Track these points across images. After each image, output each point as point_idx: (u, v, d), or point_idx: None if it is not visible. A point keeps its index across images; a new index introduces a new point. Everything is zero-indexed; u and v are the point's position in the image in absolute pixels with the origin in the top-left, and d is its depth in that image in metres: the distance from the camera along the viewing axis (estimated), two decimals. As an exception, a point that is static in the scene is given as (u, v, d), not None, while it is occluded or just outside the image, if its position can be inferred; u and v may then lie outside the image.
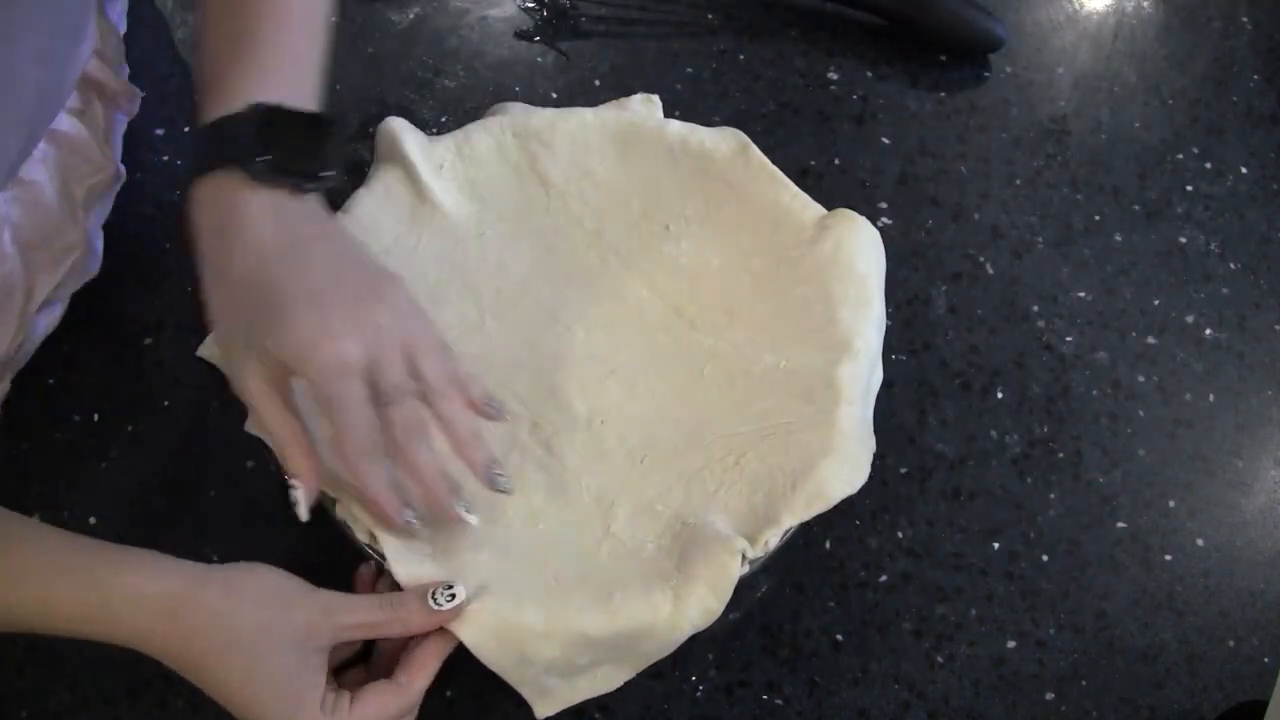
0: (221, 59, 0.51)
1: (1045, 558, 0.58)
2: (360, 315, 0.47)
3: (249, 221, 0.48)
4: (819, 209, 0.60)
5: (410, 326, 0.49)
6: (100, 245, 0.62)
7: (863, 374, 0.56)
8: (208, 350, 0.60)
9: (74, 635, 0.46)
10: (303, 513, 0.48)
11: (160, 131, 0.67)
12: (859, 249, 0.58)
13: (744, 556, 0.50)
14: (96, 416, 0.59)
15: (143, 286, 0.63)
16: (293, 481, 0.48)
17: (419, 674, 0.49)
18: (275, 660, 0.46)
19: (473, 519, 0.50)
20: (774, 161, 0.61)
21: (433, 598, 0.48)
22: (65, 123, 0.57)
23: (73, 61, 0.53)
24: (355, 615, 0.47)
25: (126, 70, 0.65)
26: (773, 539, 0.51)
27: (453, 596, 0.48)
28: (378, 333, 0.47)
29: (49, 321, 0.60)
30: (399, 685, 0.48)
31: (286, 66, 0.51)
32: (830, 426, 0.54)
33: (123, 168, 0.62)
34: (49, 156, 0.57)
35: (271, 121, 0.49)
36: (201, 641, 0.45)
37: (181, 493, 0.58)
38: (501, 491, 0.50)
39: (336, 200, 0.60)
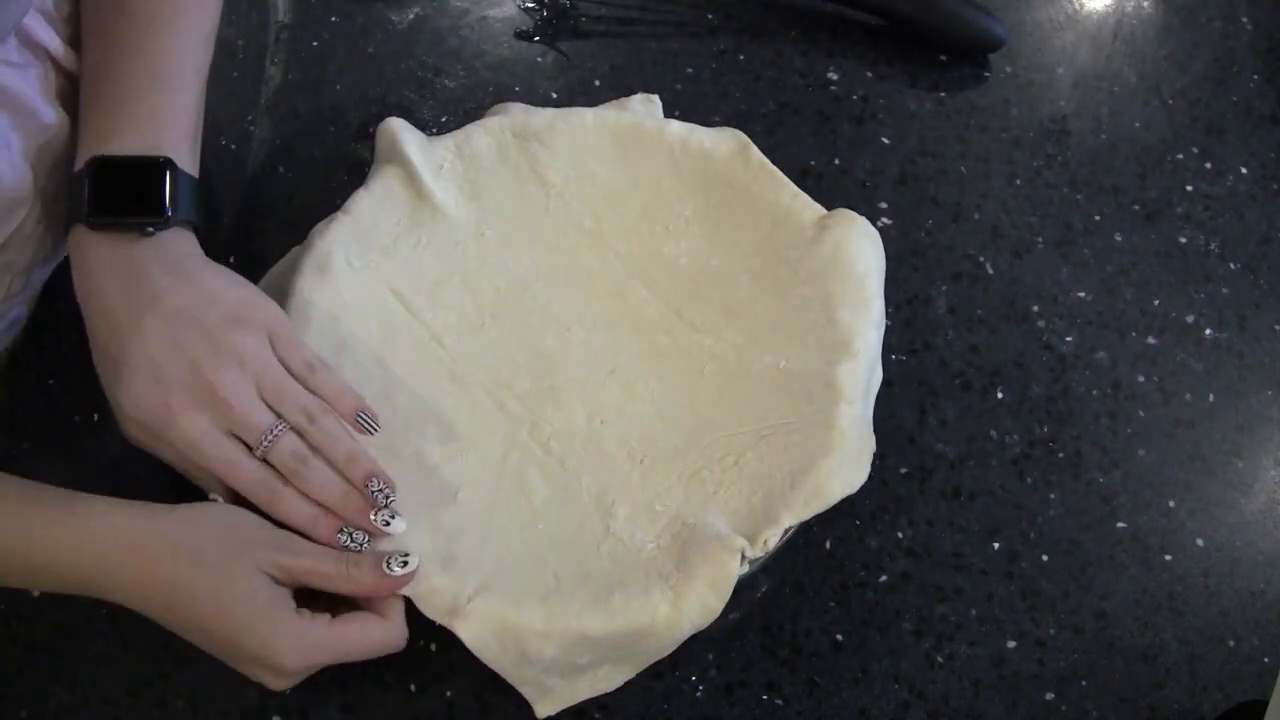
0: (82, 119, 0.55)
1: (1045, 558, 0.58)
2: (200, 382, 0.49)
3: (97, 282, 0.51)
4: (819, 209, 0.60)
5: (262, 365, 0.50)
6: None
7: (862, 374, 0.56)
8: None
9: (35, 580, 0.48)
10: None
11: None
12: (859, 249, 0.58)
13: (743, 556, 0.50)
14: (96, 416, 0.59)
15: (143, 286, 0.63)
16: None
17: (392, 608, 0.49)
18: (242, 581, 0.46)
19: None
20: (774, 161, 0.61)
21: (386, 564, 0.48)
22: (9, 77, 0.56)
23: None
24: (308, 559, 0.48)
25: None
26: (772, 539, 0.51)
27: (405, 563, 0.49)
28: (225, 393, 0.49)
29: (27, 300, 0.60)
30: (379, 614, 0.49)
31: (134, 118, 0.54)
32: (830, 426, 0.54)
33: (57, 121, 0.61)
34: None
35: (105, 173, 0.52)
36: (165, 569, 0.46)
37: (181, 493, 0.57)
38: (385, 508, 0.50)
39: (337, 200, 0.60)
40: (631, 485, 0.55)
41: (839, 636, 0.56)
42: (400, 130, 0.61)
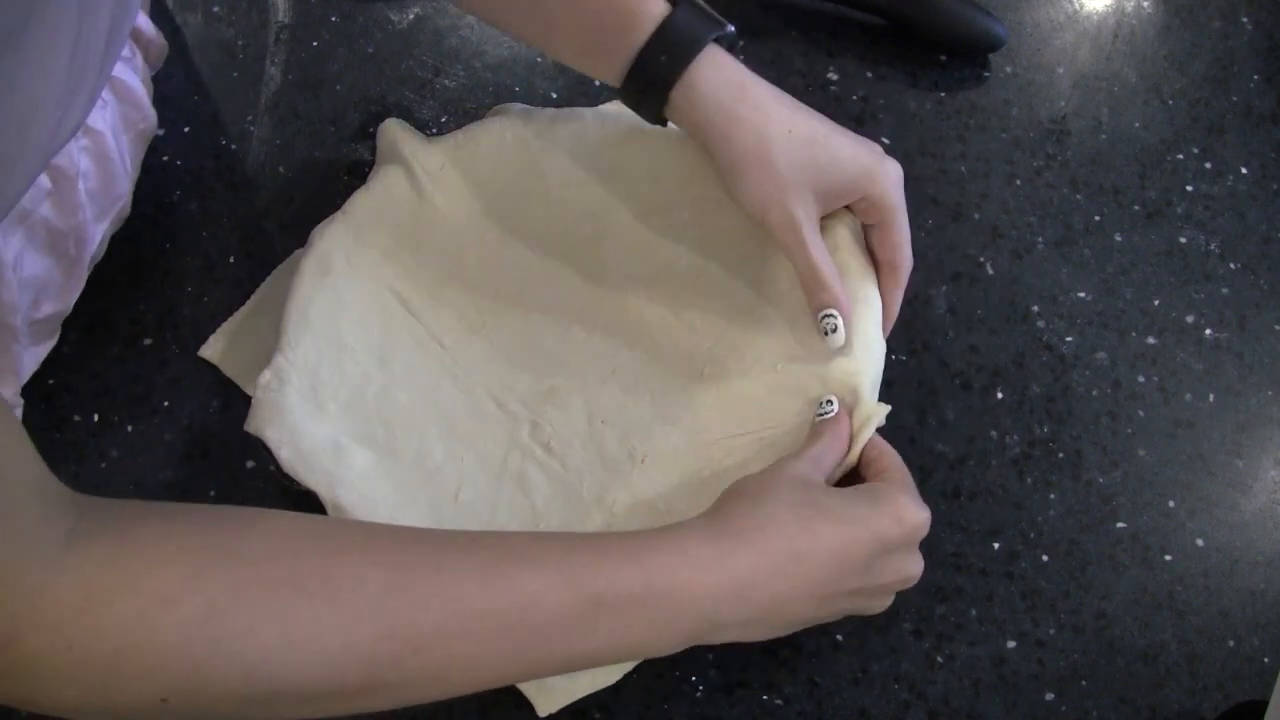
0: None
1: (1045, 558, 0.58)
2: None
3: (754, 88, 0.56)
4: (819, 209, 0.60)
5: None
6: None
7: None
8: (208, 350, 0.61)
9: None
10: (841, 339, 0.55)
11: (161, 132, 0.67)
12: (858, 249, 0.58)
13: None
14: (96, 416, 0.59)
15: (143, 287, 0.63)
16: (831, 311, 0.54)
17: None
18: (824, 493, 0.49)
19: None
20: (774, 161, 0.60)
21: (821, 405, 0.54)
22: (120, 69, 0.58)
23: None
24: (830, 442, 0.53)
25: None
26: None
27: (830, 401, 0.54)
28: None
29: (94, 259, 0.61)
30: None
31: None
32: (830, 426, 0.54)
33: (154, 115, 0.63)
34: (108, 104, 0.57)
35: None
36: (762, 525, 0.47)
37: (181, 493, 0.58)
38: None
39: (337, 200, 0.60)
40: (633, 485, 0.55)
41: (839, 636, 0.56)
42: (400, 131, 0.61)
